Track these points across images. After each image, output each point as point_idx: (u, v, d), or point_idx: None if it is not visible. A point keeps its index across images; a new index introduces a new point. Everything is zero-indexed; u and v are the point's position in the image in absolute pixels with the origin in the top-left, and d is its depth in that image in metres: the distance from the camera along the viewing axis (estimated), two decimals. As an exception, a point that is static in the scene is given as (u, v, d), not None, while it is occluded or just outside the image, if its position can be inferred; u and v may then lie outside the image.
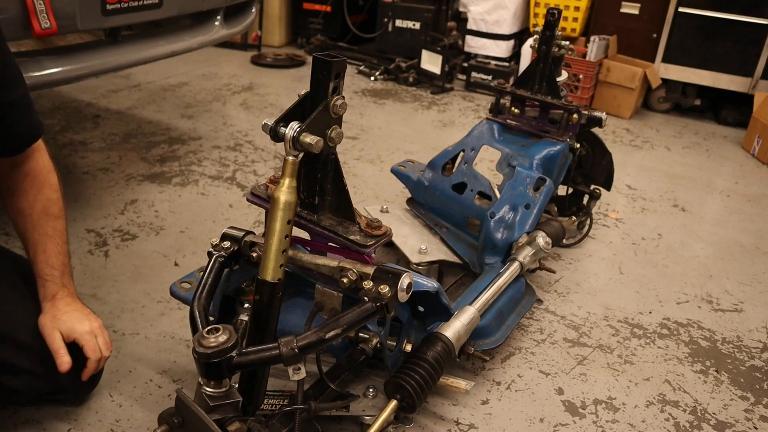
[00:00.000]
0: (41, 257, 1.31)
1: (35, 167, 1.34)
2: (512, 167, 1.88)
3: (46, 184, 1.35)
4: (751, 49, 3.63)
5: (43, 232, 1.32)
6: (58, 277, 1.31)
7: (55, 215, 1.35)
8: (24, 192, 1.33)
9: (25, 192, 1.33)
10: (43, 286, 1.30)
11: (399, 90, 4.07)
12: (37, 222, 1.32)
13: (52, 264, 1.31)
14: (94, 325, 1.30)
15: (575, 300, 1.94)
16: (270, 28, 4.88)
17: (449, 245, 1.92)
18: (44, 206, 1.33)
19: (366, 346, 1.32)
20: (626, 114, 3.84)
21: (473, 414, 1.46)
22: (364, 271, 1.09)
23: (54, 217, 1.34)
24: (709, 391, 1.61)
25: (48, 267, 1.31)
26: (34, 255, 1.31)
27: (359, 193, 2.54)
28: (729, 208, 2.74)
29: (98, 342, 1.28)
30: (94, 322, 1.30)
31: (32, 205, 1.32)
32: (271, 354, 1.00)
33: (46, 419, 1.34)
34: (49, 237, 1.32)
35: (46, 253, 1.31)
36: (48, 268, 1.31)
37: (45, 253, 1.31)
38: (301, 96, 1.12)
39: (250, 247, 1.22)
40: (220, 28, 2.57)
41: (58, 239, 1.33)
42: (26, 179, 1.32)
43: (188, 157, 2.73)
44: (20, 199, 1.32)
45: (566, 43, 2.02)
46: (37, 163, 1.34)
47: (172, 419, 0.99)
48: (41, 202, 1.33)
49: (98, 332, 1.30)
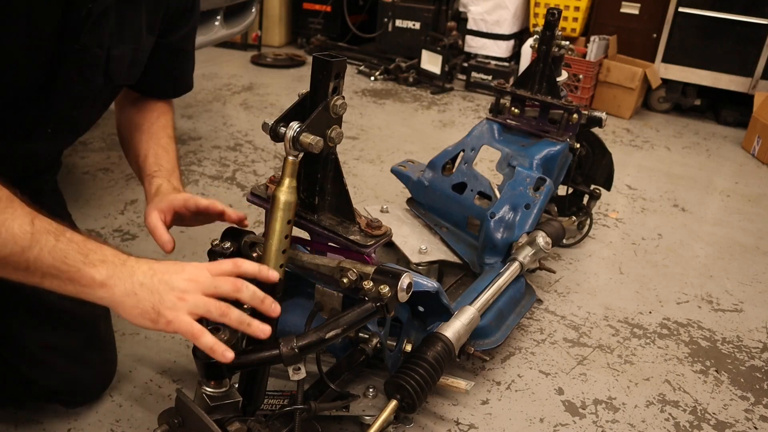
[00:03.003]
0: (151, 159, 1.28)
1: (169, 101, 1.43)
2: (512, 167, 1.88)
3: (170, 112, 1.41)
4: (751, 49, 3.63)
5: (158, 143, 1.31)
6: (165, 172, 1.26)
7: (171, 136, 1.36)
8: (149, 110, 1.36)
9: (150, 110, 1.36)
10: (150, 182, 1.24)
11: (399, 90, 4.07)
12: (155, 134, 1.32)
13: (161, 164, 1.27)
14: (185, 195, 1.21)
15: (575, 300, 1.94)
16: (270, 28, 4.88)
17: (449, 245, 1.92)
18: (164, 124, 1.36)
19: (366, 346, 1.32)
20: (626, 114, 3.84)
21: (473, 414, 1.46)
22: (364, 271, 1.09)
23: (170, 137, 1.35)
24: (709, 391, 1.61)
25: (156, 165, 1.27)
26: (144, 159, 1.28)
27: (359, 193, 2.54)
28: (729, 208, 2.74)
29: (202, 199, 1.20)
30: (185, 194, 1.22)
31: (152, 122, 1.34)
32: (271, 354, 1.00)
33: (46, 419, 1.34)
34: (162, 147, 1.31)
35: (157, 155, 1.29)
36: (156, 166, 1.27)
37: (156, 156, 1.28)
38: (301, 96, 1.12)
39: (250, 247, 1.22)
40: (220, 28, 2.57)
41: (171, 151, 1.32)
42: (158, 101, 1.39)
43: (188, 157, 2.73)
44: (142, 114, 1.35)
45: (566, 43, 2.02)
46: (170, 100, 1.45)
47: (172, 419, 0.99)
48: (162, 121, 1.36)
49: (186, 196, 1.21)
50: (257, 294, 0.96)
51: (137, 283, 0.91)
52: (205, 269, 0.95)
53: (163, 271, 0.93)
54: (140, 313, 0.90)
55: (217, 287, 0.93)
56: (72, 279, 0.89)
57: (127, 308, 0.91)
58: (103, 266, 0.90)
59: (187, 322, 0.90)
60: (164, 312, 0.89)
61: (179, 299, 0.90)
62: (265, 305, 0.97)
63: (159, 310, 0.90)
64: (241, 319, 0.93)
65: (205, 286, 0.93)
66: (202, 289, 0.92)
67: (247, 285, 0.96)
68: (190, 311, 0.90)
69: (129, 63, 1.20)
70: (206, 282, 0.93)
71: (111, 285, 0.90)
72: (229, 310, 0.93)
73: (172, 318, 0.89)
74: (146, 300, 0.90)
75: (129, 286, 0.90)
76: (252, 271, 0.99)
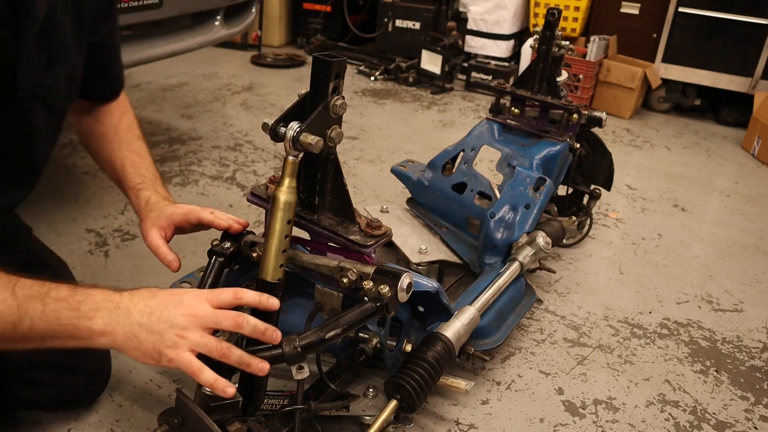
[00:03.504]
0: (129, 170, 1.25)
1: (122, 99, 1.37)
2: (512, 167, 1.88)
3: (129, 110, 1.36)
4: (751, 49, 3.63)
5: (130, 149, 1.29)
6: (150, 183, 1.25)
7: (140, 137, 1.33)
8: (109, 115, 1.32)
9: (111, 115, 1.32)
10: (137, 196, 1.23)
11: (399, 90, 4.07)
12: (124, 140, 1.29)
13: (142, 173, 1.26)
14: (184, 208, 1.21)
15: (575, 300, 1.94)
16: (270, 28, 4.88)
17: (449, 245, 1.92)
18: (129, 126, 1.32)
19: (366, 346, 1.32)
20: (626, 114, 3.84)
21: (473, 414, 1.46)
22: (364, 271, 1.09)
23: (139, 137, 1.33)
24: (709, 391, 1.61)
25: (138, 176, 1.25)
26: (122, 170, 1.26)
27: (359, 193, 2.54)
28: (729, 208, 2.74)
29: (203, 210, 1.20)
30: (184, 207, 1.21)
31: (117, 126, 1.30)
32: (274, 353, 1.00)
33: (46, 419, 1.34)
34: (137, 154, 1.29)
35: (135, 165, 1.26)
36: (138, 177, 1.25)
37: (134, 165, 1.26)
38: (301, 96, 1.12)
39: (250, 247, 1.22)
40: (220, 28, 2.57)
41: (146, 157, 1.30)
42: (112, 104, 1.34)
43: (188, 157, 2.73)
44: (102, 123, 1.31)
45: (566, 43, 2.02)
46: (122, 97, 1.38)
47: (172, 419, 0.99)
48: (126, 122, 1.33)
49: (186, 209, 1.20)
50: (258, 328, 0.96)
51: (136, 324, 0.90)
52: (204, 300, 0.94)
53: (161, 308, 0.91)
54: (143, 354, 0.91)
55: (217, 323, 0.93)
56: (71, 336, 0.89)
57: (129, 350, 0.91)
58: (98, 315, 0.89)
59: (187, 360, 0.91)
60: (165, 351, 0.90)
61: (179, 337, 0.90)
62: (266, 336, 0.98)
63: (160, 350, 0.90)
64: (241, 361, 0.94)
65: (205, 321, 0.92)
66: (202, 324, 0.92)
67: (247, 320, 0.95)
68: (190, 348, 0.91)
69: (65, 86, 1.14)
70: (206, 317, 0.92)
71: (111, 332, 0.89)
72: (229, 351, 0.93)
73: (173, 356, 0.90)
74: (147, 341, 0.90)
75: (128, 329, 0.90)
76: (252, 302, 0.99)
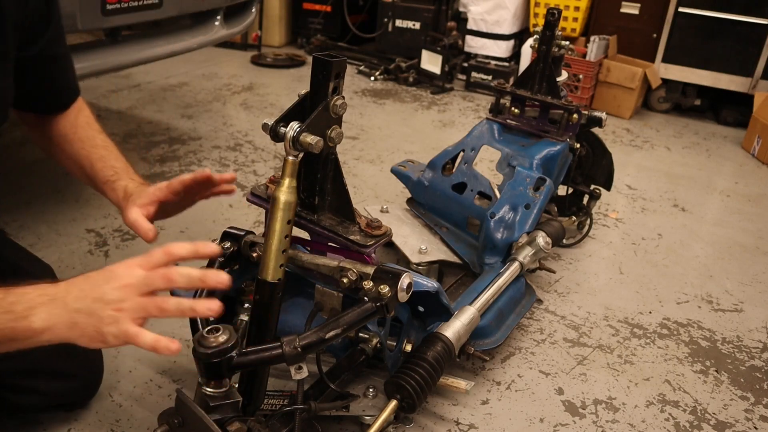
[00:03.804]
0: (98, 164, 1.23)
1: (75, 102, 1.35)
2: (512, 167, 1.88)
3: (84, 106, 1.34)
4: (751, 49, 3.63)
5: (93, 143, 1.27)
6: (123, 173, 1.23)
7: (101, 130, 1.31)
8: (65, 116, 1.30)
9: (66, 115, 1.30)
10: (113, 189, 1.20)
11: (399, 90, 4.07)
12: (84, 136, 1.27)
13: (112, 166, 1.23)
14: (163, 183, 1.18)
15: (575, 300, 1.94)
16: (270, 28, 4.88)
17: (449, 245, 1.92)
18: (87, 122, 1.31)
19: (366, 346, 1.32)
20: (626, 114, 3.84)
21: (473, 414, 1.46)
22: (364, 271, 1.09)
23: (100, 131, 1.31)
24: (709, 391, 1.61)
25: (110, 169, 1.23)
26: (91, 167, 1.23)
27: (359, 193, 2.54)
28: (729, 208, 2.74)
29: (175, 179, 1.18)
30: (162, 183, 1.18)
31: (75, 123, 1.29)
32: (274, 353, 1.00)
33: (46, 419, 1.34)
34: (101, 147, 1.27)
35: (103, 158, 1.24)
36: (110, 170, 1.22)
37: (102, 160, 1.23)
38: (301, 96, 1.12)
39: (250, 247, 1.22)
40: (220, 28, 2.57)
41: (110, 147, 1.28)
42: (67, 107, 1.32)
43: (188, 157, 2.73)
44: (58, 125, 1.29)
45: (566, 43, 2.02)
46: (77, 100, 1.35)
47: (172, 419, 0.99)
48: (83, 119, 1.31)
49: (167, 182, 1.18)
50: (193, 276, 0.90)
51: (73, 311, 0.86)
52: (136, 266, 0.90)
53: (94, 287, 0.88)
54: (89, 339, 0.88)
55: (149, 285, 0.89)
56: (12, 338, 0.86)
57: (76, 339, 0.88)
58: (34, 313, 0.85)
59: (126, 329, 0.86)
60: (107, 329, 0.86)
61: (117, 311, 0.86)
62: (208, 281, 0.91)
63: (101, 330, 0.86)
64: (182, 308, 0.89)
65: (139, 287, 0.88)
66: (137, 291, 0.88)
67: (179, 272, 0.90)
68: (132, 319, 0.87)
69: None
70: (138, 283, 0.89)
71: (51, 326, 0.86)
72: (165, 303, 0.89)
73: (115, 331, 0.86)
74: (88, 325, 0.87)
75: (67, 319, 0.86)
76: (186, 254, 0.93)
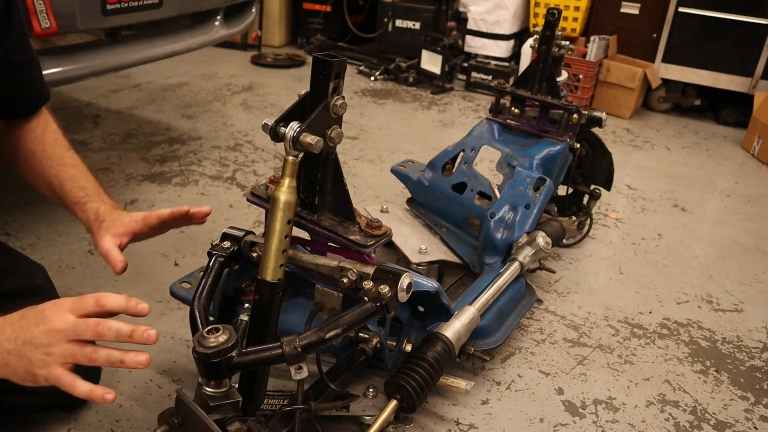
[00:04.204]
0: (68, 184, 1.23)
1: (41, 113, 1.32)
2: (512, 167, 1.88)
3: (51, 121, 1.32)
4: (751, 49, 3.63)
5: (62, 162, 1.26)
6: (94, 195, 1.24)
7: (67, 146, 1.30)
8: (31, 131, 1.28)
9: (33, 130, 1.28)
10: (84, 210, 1.21)
11: (399, 90, 4.07)
12: (53, 154, 1.26)
13: (83, 186, 1.24)
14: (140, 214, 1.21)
15: (575, 300, 1.94)
16: (270, 28, 4.88)
17: (449, 245, 1.92)
18: (54, 138, 1.29)
19: (366, 346, 1.32)
20: (626, 114, 3.84)
21: (473, 414, 1.46)
22: (364, 271, 1.09)
23: (68, 148, 1.30)
24: (709, 391, 1.61)
25: (80, 190, 1.23)
26: (61, 187, 1.23)
27: (359, 193, 2.54)
28: (729, 208, 2.74)
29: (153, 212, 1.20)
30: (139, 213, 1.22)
31: (43, 140, 1.27)
32: (274, 353, 1.00)
33: (46, 419, 1.34)
34: (70, 165, 1.26)
35: (73, 178, 1.24)
36: (81, 191, 1.23)
37: (72, 179, 1.24)
38: (301, 96, 1.12)
39: (250, 247, 1.22)
40: (220, 28, 2.57)
41: (79, 166, 1.27)
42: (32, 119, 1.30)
43: (188, 157, 2.73)
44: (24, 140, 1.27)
45: (566, 43, 2.02)
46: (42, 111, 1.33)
47: (172, 419, 0.99)
48: (51, 135, 1.29)
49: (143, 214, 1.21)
50: (122, 331, 0.91)
51: (5, 352, 0.90)
52: (67, 311, 0.92)
53: (24, 330, 0.91)
54: (20, 378, 0.91)
55: (78, 335, 0.91)
56: None
57: (8, 377, 0.92)
58: None
59: (59, 375, 0.90)
60: (37, 372, 0.90)
61: (46, 355, 0.90)
62: (135, 337, 0.92)
63: (32, 372, 0.90)
64: (111, 359, 0.91)
65: (66, 334, 0.90)
66: (65, 338, 0.90)
67: (109, 326, 0.91)
68: (60, 363, 0.90)
69: None
70: (67, 330, 0.90)
71: None
72: (95, 354, 0.91)
73: (46, 375, 0.90)
74: (18, 366, 0.90)
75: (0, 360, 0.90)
76: (116, 308, 0.94)
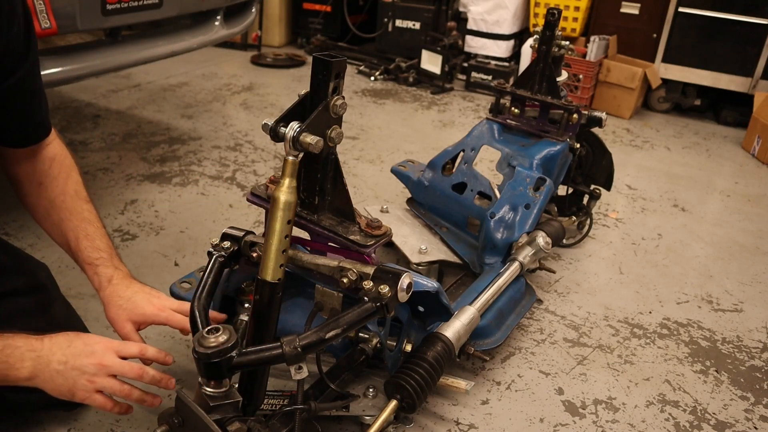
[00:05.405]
0: (84, 243, 1.26)
1: (60, 151, 1.31)
2: (512, 167, 1.88)
3: (73, 168, 1.32)
4: (751, 49, 3.63)
5: (81, 217, 1.27)
6: (108, 259, 1.26)
7: (86, 199, 1.31)
8: (54, 178, 1.28)
9: (55, 178, 1.28)
10: (96, 273, 1.25)
11: (399, 90, 4.07)
12: (73, 208, 1.28)
13: (98, 247, 1.26)
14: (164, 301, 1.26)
15: (575, 300, 1.94)
16: (270, 28, 4.88)
17: (449, 245, 1.92)
18: (75, 190, 1.30)
19: (366, 346, 1.32)
20: (626, 114, 3.84)
21: (473, 414, 1.46)
22: (364, 271, 1.09)
23: (86, 200, 1.31)
24: (709, 391, 1.61)
25: (95, 251, 1.26)
26: (77, 242, 1.26)
27: (359, 193, 2.54)
28: (729, 208, 2.74)
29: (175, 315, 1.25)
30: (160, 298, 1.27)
31: (64, 191, 1.28)
32: (274, 353, 1.00)
33: (46, 419, 1.34)
34: (87, 221, 1.28)
35: (89, 237, 1.26)
36: (95, 252, 1.26)
37: (88, 238, 1.26)
38: (301, 96, 1.12)
39: (250, 247, 1.22)
40: (220, 28, 2.57)
41: (96, 222, 1.29)
42: (53, 165, 1.29)
43: (188, 157, 2.73)
44: (50, 188, 1.28)
45: (566, 43, 2.02)
46: (60, 147, 1.32)
47: (172, 419, 0.99)
48: (72, 186, 1.30)
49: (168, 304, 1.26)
50: (155, 378, 1.16)
51: (54, 371, 1.07)
52: (112, 352, 1.11)
53: (75, 357, 1.08)
54: (60, 393, 1.09)
55: (122, 373, 1.11)
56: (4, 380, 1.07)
57: (48, 389, 1.09)
58: (24, 366, 1.06)
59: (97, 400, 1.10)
60: (78, 393, 1.09)
61: (90, 382, 1.09)
62: (162, 384, 1.17)
63: (74, 392, 1.09)
64: (142, 399, 1.14)
65: (112, 370, 1.10)
66: (108, 372, 1.10)
67: (147, 371, 1.13)
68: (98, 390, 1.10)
69: None
70: (113, 367, 1.10)
71: (34, 377, 1.07)
72: (131, 392, 1.12)
73: (84, 398, 1.10)
74: (63, 385, 1.08)
75: (48, 376, 1.07)
76: (154, 358, 1.19)
